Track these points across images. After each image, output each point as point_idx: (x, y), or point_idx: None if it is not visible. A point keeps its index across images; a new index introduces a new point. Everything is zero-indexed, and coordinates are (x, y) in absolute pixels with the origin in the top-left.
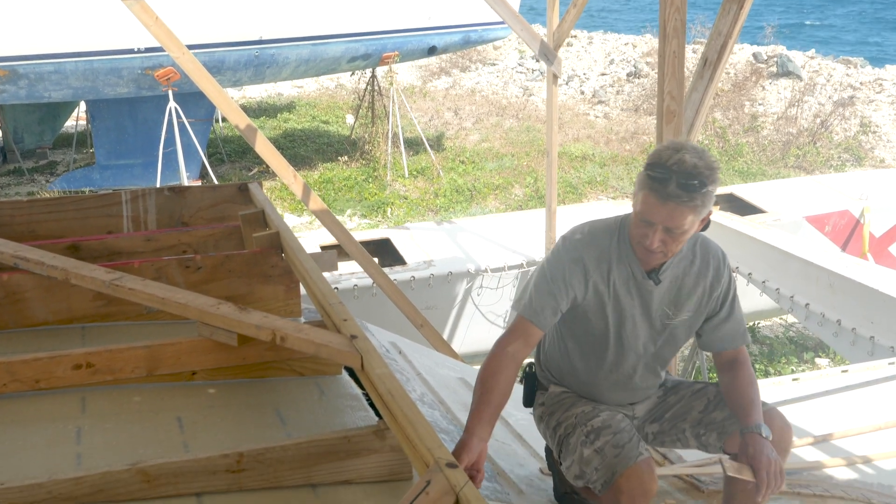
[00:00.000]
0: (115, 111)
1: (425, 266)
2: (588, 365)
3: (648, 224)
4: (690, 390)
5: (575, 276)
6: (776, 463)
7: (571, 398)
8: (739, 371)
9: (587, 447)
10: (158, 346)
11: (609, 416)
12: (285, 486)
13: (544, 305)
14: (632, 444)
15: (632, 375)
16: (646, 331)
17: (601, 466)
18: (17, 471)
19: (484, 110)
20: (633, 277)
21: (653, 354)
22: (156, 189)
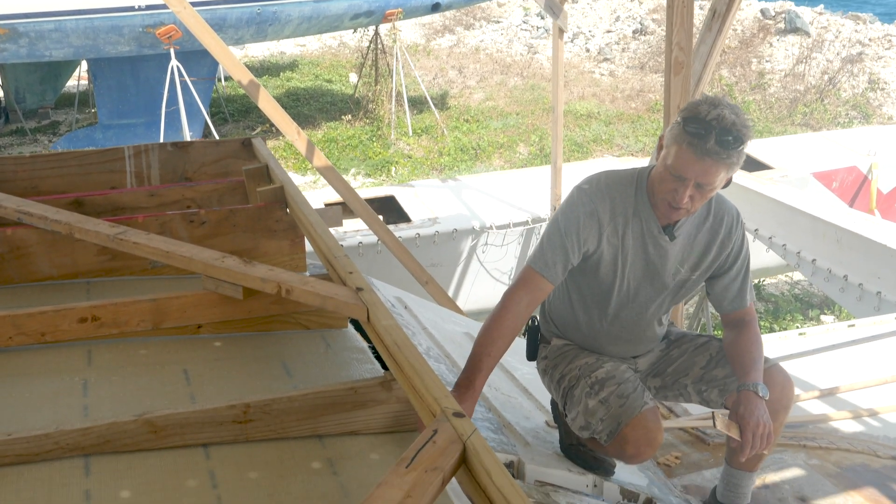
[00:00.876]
0: (116, 70)
1: (430, 223)
2: (592, 318)
3: (680, 179)
4: (693, 344)
5: (588, 229)
6: (765, 426)
7: (574, 350)
8: (744, 330)
9: (592, 398)
10: (164, 300)
11: (613, 367)
12: (292, 436)
13: (556, 259)
14: (636, 394)
15: (636, 329)
16: (654, 286)
17: (606, 417)
18: (24, 422)
19: (488, 68)
20: (649, 232)
21: (658, 309)
22: (159, 144)
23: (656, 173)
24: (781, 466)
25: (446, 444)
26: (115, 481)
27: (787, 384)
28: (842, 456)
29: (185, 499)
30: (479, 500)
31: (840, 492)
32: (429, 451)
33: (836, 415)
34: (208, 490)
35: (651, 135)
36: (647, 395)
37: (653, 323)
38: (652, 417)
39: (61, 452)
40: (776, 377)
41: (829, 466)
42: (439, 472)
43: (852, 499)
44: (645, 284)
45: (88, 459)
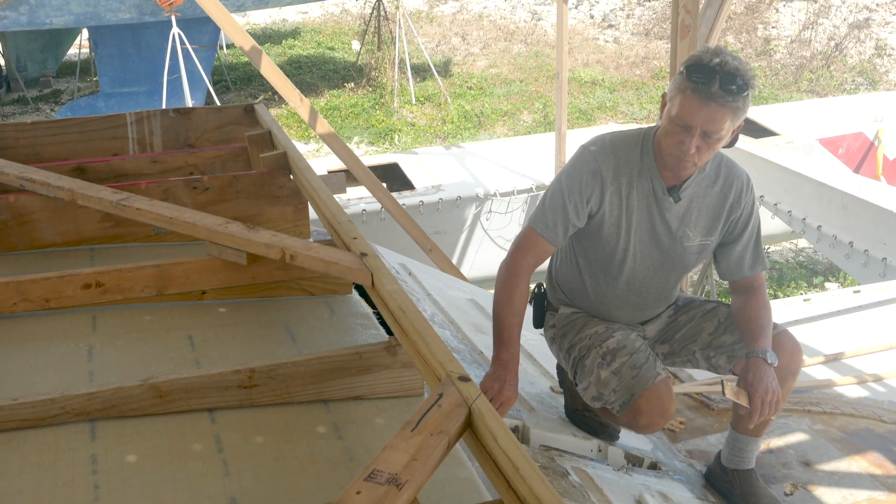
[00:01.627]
0: (117, 38)
1: (434, 191)
2: (598, 283)
3: (685, 129)
4: (701, 310)
5: (591, 188)
6: (773, 393)
7: (583, 318)
8: (753, 296)
9: (604, 369)
10: (168, 266)
11: (623, 337)
12: (297, 401)
13: (557, 220)
14: (649, 365)
15: (643, 294)
16: (661, 249)
17: (619, 388)
18: (29, 387)
19: (492, 35)
20: (653, 193)
21: (665, 274)
22: (161, 111)
23: (662, 129)
24: (786, 431)
25: (452, 408)
26: (120, 446)
27: (796, 350)
28: (846, 421)
29: (190, 463)
30: (485, 462)
31: (844, 456)
32: (434, 415)
33: (841, 380)
34: (214, 454)
35: (656, 102)
36: (658, 365)
37: (661, 289)
38: (665, 388)
39: (67, 417)
40: (785, 343)
41: (833, 431)
42: (445, 435)
43: (856, 463)
44: (651, 247)
45: (94, 424)
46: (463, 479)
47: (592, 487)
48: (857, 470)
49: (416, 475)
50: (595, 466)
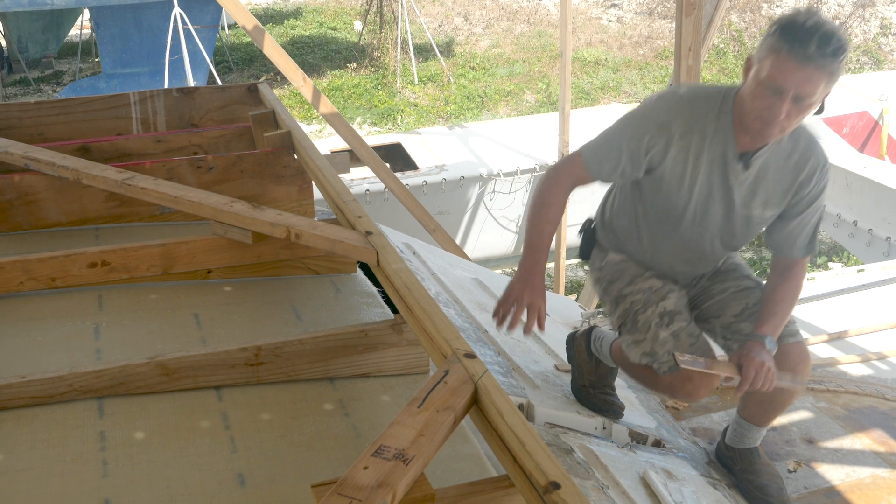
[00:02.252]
0: (119, 18)
1: (437, 171)
2: (654, 237)
3: (776, 92)
4: (735, 287)
5: (655, 140)
6: (767, 367)
7: (634, 268)
8: (786, 280)
9: (663, 329)
10: (173, 245)
11: (678, 300)
12: (303, 379)
13: (607, 158)
14: (704, 338)
15: (699, 254)
16: (721, 214)
17: (667, 360)
18: (37, 365)
19: (494, 15)
20: (724, 157)
21: (725, 241)
22: (164, 90)
23: (747, 91)
24: (790, 409)
25: (458, 385)
26: (128, 423)
27: (804, 360)
28: (850, 399)
29: (198, 440)
30: (491, 438)
31: (848, 434)
32: (440, 392)
33: (845, 358)
34: (221, 431)
35: (659, 82)
36: (709, 343)
37: (717, 252)
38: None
39: (75, 395)
40: (792, 353)
41: (837, 409)
42: (451, 411)
43: (860, 440)
44: (712, 211)
45: (102, 401)
46: (468, 455)
47: (597, 464)
48: (861, 447)
49: (422, 451)
50: (599, 444)
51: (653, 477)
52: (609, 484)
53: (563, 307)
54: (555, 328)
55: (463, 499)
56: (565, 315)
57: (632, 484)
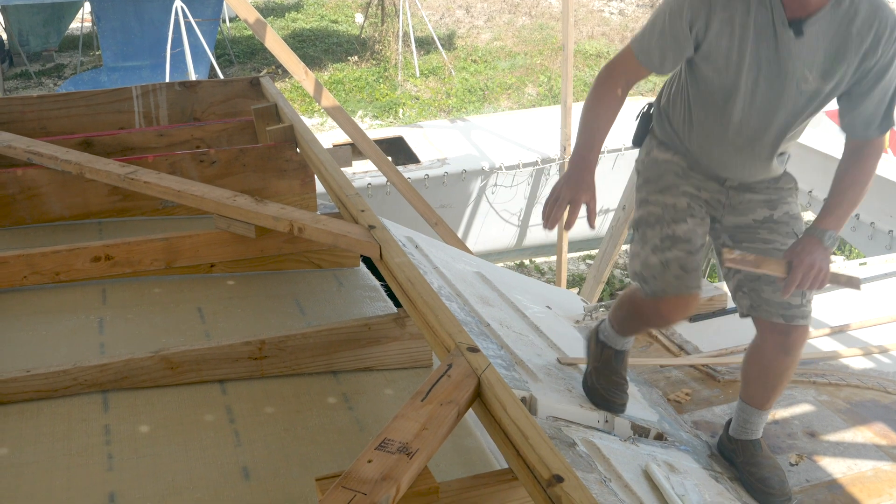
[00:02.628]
0: (119, 11)
1: (439, 164)
2: (705, 123)
3: None
4: (779, 244)
5: (695, 14)
6: (819, 268)
7: (669, 176)
8: (854, 164)
9: (657, 254)
10: (176, 239)
11: (692, 229)
12: (307, 372)
13: (654, 45)
14: (694, 275)
15: (750, 137)
16: (776, 88)
17: (659, 278)
18: (41, 359)
19: (496, 7)
20: (772, 24)
21: (784, 122)
22: (166, 84)
23: None
24: (791, 402)
25: (461, 378)
26: (133, 416)
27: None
28: (851, 392)
29: (203, 433)
30: (494, 431)
31: (849, 427)
32: (444, 385)
33: (847, 352)
34: (226, 424)
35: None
36: (699, 278)
37: (770, 135)
38: (693, 302)
39: (80, 388)
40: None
41: (838, 402)
42: (454, 405)
43: (861, 434)
44: (765, 85)
45: (106, 395)
46: (472, 449)
47: (599, 457)
48: (862, 440)
49: (426, 444)
50: (602, 437)
51: (655, 470)
52: (611, 477)
53: (565, 301)
54: (556, 321)
55: (466, 492)
56: (567, 308)
57: (634, 477)
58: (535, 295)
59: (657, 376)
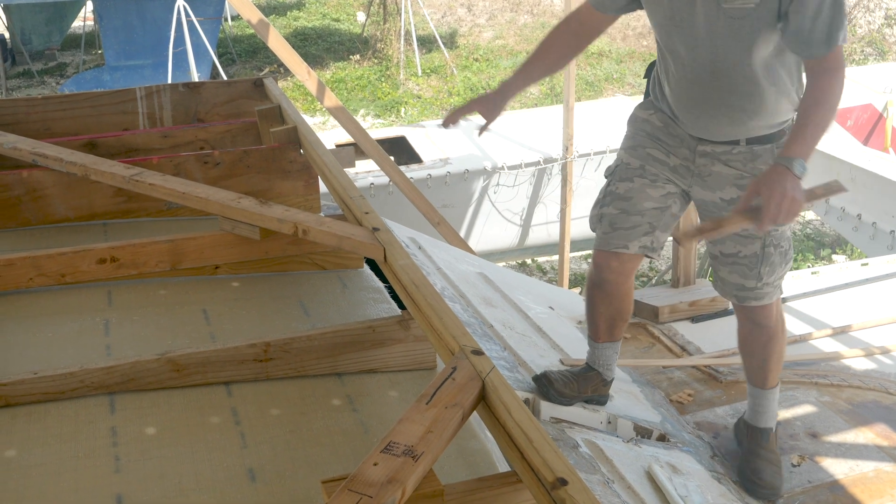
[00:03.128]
0: (122, 10)
1: (441, 164)
2: (672, 65)
3: None
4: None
5: None
6: (791, 197)
7: (641, 135)
8: (811, 86)
9: (596, 207)
10: (181, 241)
11: (638, 189)
12: (311, 374)
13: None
14: (623, 234)
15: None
16: (700, 14)
17: (597, 230)
18: (48, 361)
19: (498, 6)
20: None
21: (726, 51)
22: (170, 85)
23: None
24: (793, 403)
25: (465, 381)
26: (139, 418)
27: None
28: (853, 393)
29: (209, 435)
30: (499, 434)
31: (851, 428)
32: (448, 388)
33: (849, 352)
34: (231, 427)
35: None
36: (637, 240)
37: (733, 77)
38: (616, 262)
39: (86, 390)
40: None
41: (840, 403)
42: (459, 408)
43: (863, 435)
44: (690, 10)
45: (113, 397)
46: (476, 451)
47: (602, 459)
48: (864, 441)
49: (431, 447)
50: (605, 438)
51: (658, 471)
52: (614, 478)
53: (567, 301)
54: (559, 322)
55: (471, 494)
56: (569, 309)
57: (637, 478)
58: (538, 295)
59: (659, 377)
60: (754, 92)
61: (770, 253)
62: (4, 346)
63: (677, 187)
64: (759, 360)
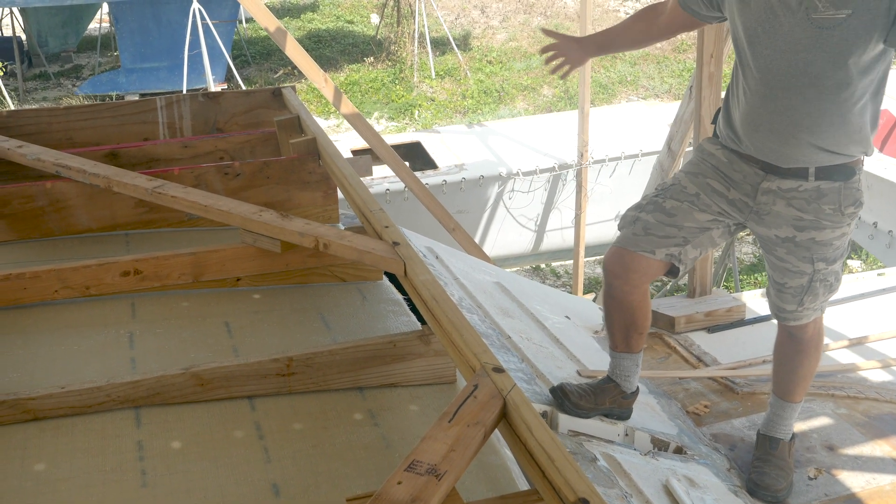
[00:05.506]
0: (138, 13)
1: (456, 170)
2: (745, 82)
3: None
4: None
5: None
6: None
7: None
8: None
9: (635, 210)
10: (203, 253)
11: (683, 209)
12: (333, 388)
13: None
14: (653, 240)
15: (786, 93)
16: (788, 22)
17: (624, 229)
18: (75, 374)
19: (511, 8)
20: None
21: (807, 63)
22: (190, 95)
23: None
24: (810, 415)
25: (487, 399)
26: (165, 432)
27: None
28: (870, 405)
29: (233, 449)
30: (520, 452)
31: (868, 440)
32: (470, 406)
33: (865, 364)
34: (255, 441)
35: (677, 76)
36: (666, 248)
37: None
38: (634, 264)
39: (113, 404)
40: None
41: (857, 415)
42: (481, 426)
43: (880, 448)
44: (777, 19)
45: (139, 411)
46: (496, 466)
47: (620, 472)
48: (881, 454)
49: (454, 465)
50: (622, 451)
51: (675, 485)
52: (632, 492)
53: (582, 309)
54: (576, 332)
55: None
56: (585, 318)
57: (654, 492)
58: (554, 304)
59: (676, 388)
60: (829, 111)
61: (816, 287)
62: (31, 359)
63: (730, 218)
64: (788, 370)
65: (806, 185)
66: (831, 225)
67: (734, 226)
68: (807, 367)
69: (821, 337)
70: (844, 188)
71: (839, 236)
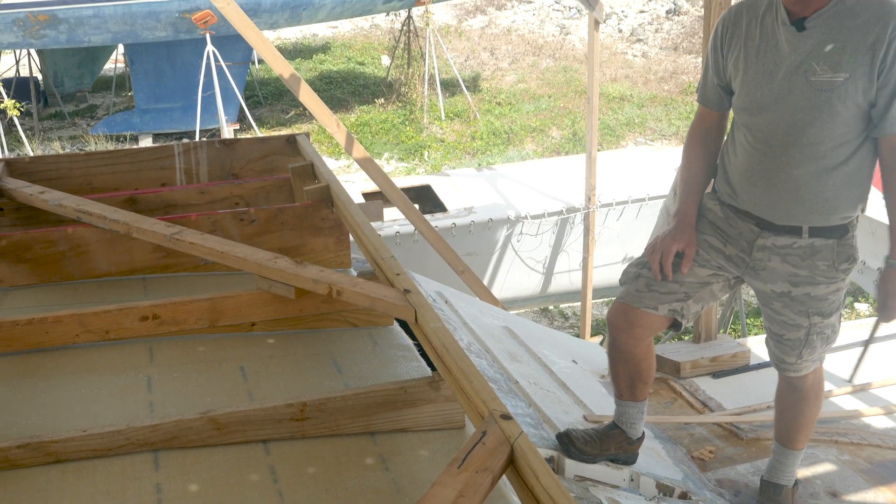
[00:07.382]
0: (153, 55)
1: (466, 213)
2: (744, 139)
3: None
4: (783, 318)
5: (723, 39)
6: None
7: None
8: (886, 168)
9: (636, 266)
10: (220, 299)
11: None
12: (346, 433)
13: (706, 81)
14: (655, 297)
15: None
16: (787, 84)
17: (626, 284)
18: (95, 418)
19: (520, 50)
20: (776, 25)
21: (796, 122)
22: (207, 142)
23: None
24: (813, 461)
25: (495, 446)
26: (183, 475)
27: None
28: (873, 452)
29: (248, 492)
30: (527, 498)
31: (871, 487)
32: (479, 453)
33: (869, 411)
34: (269, 484)
35: (684, 118)
36: (668, 304)
37: (807, 149)
38: (638, 320)
39: (132, 448)
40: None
41: (860, 462)
42: (489, 472)
43: (883, 495)
44: (776, 82)
45: (157, 454)
46: None
47: None
48: (884, 501)
49: None
50: (628, 497)
51: None
52: None
53: (589, 353)
54: (583, 377)
55: None
56: (593, 362)
57: None
58: (562, 349)
59: (681, 433)
60: (823, 170)
61: (813, 340)
62: (54, 402)
63: (728, 272)
64: (790, 418)
65: (800, 242)
66: (826, 280)
67: (733, 279)
68: (808, 415)
69: (821, 386)
70: (838, 245)
71: (834, 291)
